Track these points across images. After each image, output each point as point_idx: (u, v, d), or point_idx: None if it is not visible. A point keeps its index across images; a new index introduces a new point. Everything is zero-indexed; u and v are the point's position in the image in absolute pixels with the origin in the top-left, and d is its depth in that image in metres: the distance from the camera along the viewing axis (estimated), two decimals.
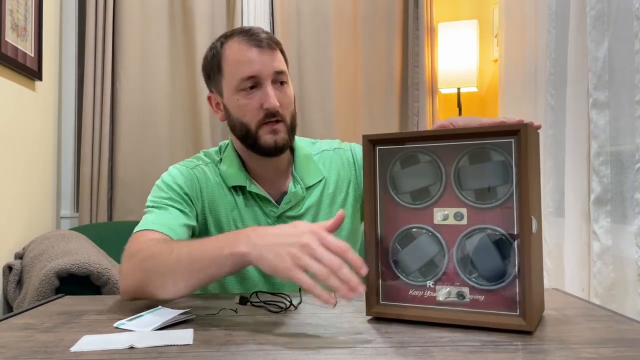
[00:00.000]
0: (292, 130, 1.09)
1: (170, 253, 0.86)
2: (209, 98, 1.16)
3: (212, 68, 1.11)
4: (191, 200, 1.09)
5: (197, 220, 1.10)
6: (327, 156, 1.20)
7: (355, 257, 0.73)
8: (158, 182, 1.11)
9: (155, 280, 0.87)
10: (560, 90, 1.81)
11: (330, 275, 0.70)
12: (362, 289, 0.71)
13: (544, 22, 1.92)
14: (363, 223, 0.86)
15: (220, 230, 1.10)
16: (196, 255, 0.83)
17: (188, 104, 2.57)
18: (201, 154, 1.18)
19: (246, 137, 1.08)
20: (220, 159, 1.15)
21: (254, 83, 1.04)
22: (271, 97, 1.03)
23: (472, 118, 0.87)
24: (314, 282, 0.71)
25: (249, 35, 1.06)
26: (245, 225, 1.10)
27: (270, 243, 0.76)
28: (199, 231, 1.11)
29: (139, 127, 2.53)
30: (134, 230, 1.02)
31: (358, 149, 1.23)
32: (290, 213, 1.11)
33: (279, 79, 1.06)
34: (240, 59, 1.05)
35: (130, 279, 0.92)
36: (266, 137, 1.05)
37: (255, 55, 1.04)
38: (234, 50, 1.06)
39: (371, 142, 0.84)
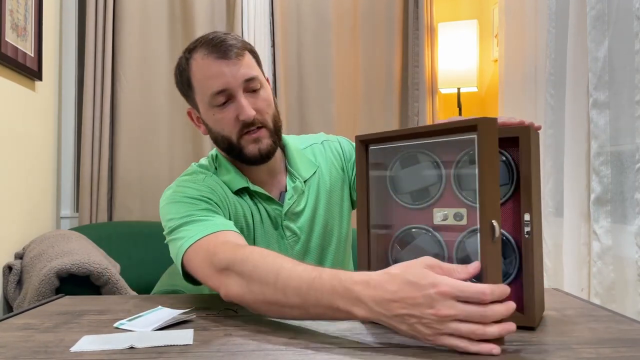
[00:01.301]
0: (276, 133, 1.07)
1: (276, 281, 0.77)
2: (189, 113, 1.13)
3: (183, 85, 1.08)
4: (221, 210, 1.03)
5: None
6: (317, 149, 1.20)
7: (495, 292, 0.63)
8: (176, 197, 1.02)
9: (262, 306, 0.81)
10: (560, 90, 1.81)
11: (485, 327, 0.62)
12: (513, 306, 0.64)
13: (544, 22, 1.92)
14: (357, 223, 0.86)
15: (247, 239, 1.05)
16: (309, 299, 0.73)
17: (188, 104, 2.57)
18: (196, 168, 1.13)
19: (230, 149, 1.06)
20: (216, 168, 1.12)
21: (225, 97, 1.01)
22: (245, 108, 1.00)
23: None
24: (466, 341, 0.63)
25: (212, 46, 1.01)
26: (257, 231, 1.08)
27: (396, 313, 0.65)
28: None
29: (139, 127, 2.53)
30: (186, 246, 0.93)
31: (344, 140, 1.25)
32: (293, 209, 1.11)
33: (250, 87, 1.02)
34: (207, 74, 1.01)
35: (233, 293, 0.83)
36: (249, 147, 1.03)
37: (221, 68, 1.00)
38: (200, 66, 1.02)
39: (362, 143, 0.84)
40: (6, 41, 1.93)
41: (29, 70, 2.11)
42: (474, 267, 0.67)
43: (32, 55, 2.15)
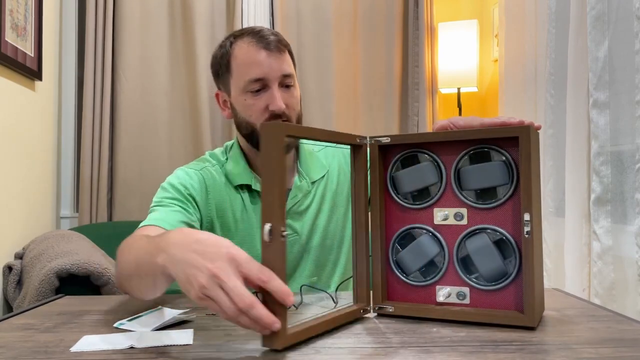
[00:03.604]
0: None
1: (128, 256, 0.83)
2: (217, 95, 1.18)
3: (221, 67, 1.13)
4: (196, 203, 1.09)
5: (201, 223, 1.10)
6: (330, 151, 1.23)
7: (278, 285, 0.62)
8: (163, 183, 1.11)
9: (123, 284, 0.87)
10: (560, 90, 1.81)
11: (239, 314, 0.61)
12: (276, 326, 0.62)
13: (544, 22, 1.92)
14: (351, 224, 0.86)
15: (227, 233, 1.12)
16: (140, 261, 0.77)
17: (188, 104, 2.57)
18: (207, 156, 1.19)
19: (251, 136, 1.10)
20: (227, 159, 1.16)
21: (261, 85, 1.06)
22: (277, 99, 1.05)
23: (473, 118, 0.86)
24: (224, 311, 0.62)
25: (259, 36, 1.07)
26: (252, 226, 1.12)
27: (184, 260, 0.65)
28: None
29: (139, 127, 2.53)
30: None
31: None
32: (295, 208, 1.13)
33: (285, 82, 1.08)
34: (249, 60, 1.07)
35: (114, 279, 0.94)
36: None
37: (263, 58, 1.06)
38: (243, 51, 1.08)
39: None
40: (6, 41, 1.93)
41: (28, 70, 2.11)
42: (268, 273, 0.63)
43: (32, 55, 2.15)
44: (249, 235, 1.12)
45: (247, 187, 1.13)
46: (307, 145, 1.20)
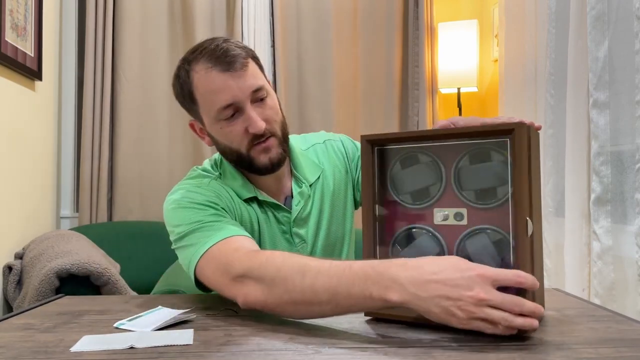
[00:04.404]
0: (284, 140, 1.05)
1: (302, 280, 0.76)
2: (191, 125, 1.09)
3: (185, 98, 1.03)
4: (228, 214, 1.00)
5: None
6: (320, 149, 1.18)
7: (534, 280, 0.68)
8: (182, 203, 0.98)
9: (287, 308, 0.79)
10: (560, 90, 1.81)
11: (514, 318, 0.65)
12: (542, 309, 0.67)
13: (544, 22, 1.92)
14: (362, 224, 0.85)
15: None
16: (340, 292, 0.73)
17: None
18: (199, 171, 1.09)
19: (240, 161, 1.03)
20: (220, 174, 1.08)
21: (233, 110, 0.97)
22: (255, 120, 0.97)
23: (473, 118, 0.86)
24: (495, 324, 0.66)
25: (215, 58, 0.96)
26: (265, 237, 1.07)
27: (433, 295, 0.66)
28: None
29: (139, 127, 2.53)
30: (198, 255, 0.90)
31: (346, 139, 1.22)
32: (300, 215, 1.09)
33: (257, 97, 0.99)
34: (212, 88, 0.96)
35: (253, 299, 0.81)
36: (260, 158, 1.01)
37: (227, 81, 0.95)
38: (203, 79, 0.97)
39: (369, 143, 0.84)
40: (6, 41, 1.93)
41: (28, 70, 2.11)
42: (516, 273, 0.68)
43: (32, 55, 2.15)
44: (262, 246, 1.06)
45: (254, 199, 1.06)
46: (295, 144, 1.14)
